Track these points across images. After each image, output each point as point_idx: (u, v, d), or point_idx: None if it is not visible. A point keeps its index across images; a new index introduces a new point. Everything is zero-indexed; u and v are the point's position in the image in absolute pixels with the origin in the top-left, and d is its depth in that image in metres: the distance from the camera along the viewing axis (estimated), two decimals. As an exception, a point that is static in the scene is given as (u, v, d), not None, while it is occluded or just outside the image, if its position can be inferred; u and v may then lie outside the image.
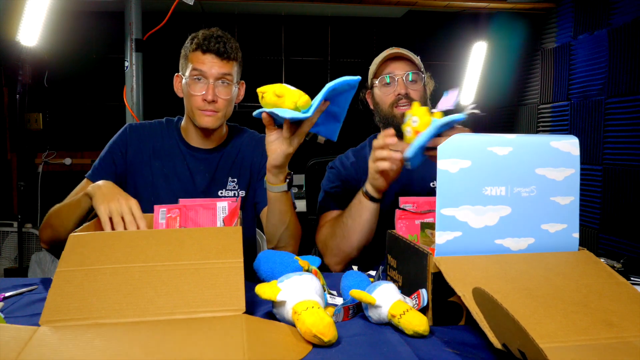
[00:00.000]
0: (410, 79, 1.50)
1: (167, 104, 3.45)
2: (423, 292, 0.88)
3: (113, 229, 1.09)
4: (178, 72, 1.46)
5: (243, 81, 1.49)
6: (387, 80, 1.51)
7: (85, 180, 1.44)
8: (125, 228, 1.08)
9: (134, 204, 1.11)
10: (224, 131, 1.52)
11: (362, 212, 1.32)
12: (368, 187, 1.31)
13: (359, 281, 0.98)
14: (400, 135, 1.52)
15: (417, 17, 3.82)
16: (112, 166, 1.44)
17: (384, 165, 1.21)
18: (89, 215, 1.22)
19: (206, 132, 1.46)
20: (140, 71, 2.51)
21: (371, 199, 1.31)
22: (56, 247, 1.29)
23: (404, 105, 1.48)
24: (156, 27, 2.35)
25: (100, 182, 1.19)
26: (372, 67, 1.57)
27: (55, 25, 2.76)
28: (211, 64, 1.36)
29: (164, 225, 1.15)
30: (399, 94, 1.49)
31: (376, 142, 1.25)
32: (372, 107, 1.61)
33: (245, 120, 1.58)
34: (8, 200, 3.56)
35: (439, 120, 1.10)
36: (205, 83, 1.36)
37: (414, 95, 1.50)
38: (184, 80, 1.41)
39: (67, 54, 3.56)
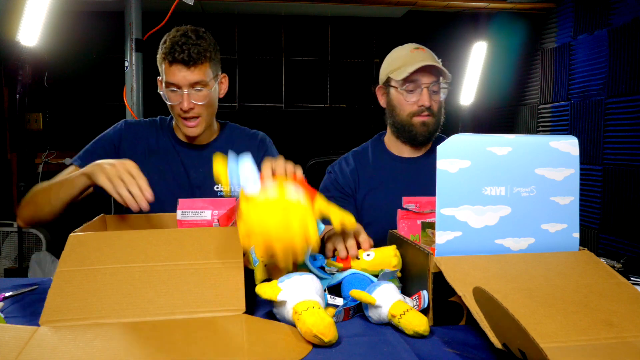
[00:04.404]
0: (434, 89, 1.43)
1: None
2: (424, 293, 0.88)
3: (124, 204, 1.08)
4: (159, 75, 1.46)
5: (224, 74, 1.47)
6: (412, 88, 1.42)
7: (72, 167, 1.39)
8: (129, 192, 1.07)
9: (130, 164, 1.10)
10: (214, 127, 1.53)
11: None
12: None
13: (359, 281, 0.97)
14: (408, 139, 1.47)
15: (417, 17, 3.82)
16: (103, 157, 1.39)
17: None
18: (81, 196, 1.22)
19: (192, 138, 1.46)
20: (140, 71, 2.51)
21: None
22: (34, 224, 1.29)
23: (425, 117, 1.43)
24: (156, 27, 2.35)
25: (96, 161, 1.16)
26: (392, 64, 1.47)
27: (55, 25, 2.77)
28: (181, 76, 1.33)
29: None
30: (422, 105, 1.42)
31: (340, 249, 1.08)
32: (382, 104, 1.54)
33: (246, 119, 1.58)
34: (8, 200, 3.56)
35: (384, 272, 0.98)
36: (180, 93, 1.35)
37: (435, 106, 1.43)
38: (162, 89, 1.40)
39: (67, 54, 3.56)
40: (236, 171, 0.95)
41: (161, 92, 1.41)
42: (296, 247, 0.85)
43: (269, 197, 0.88)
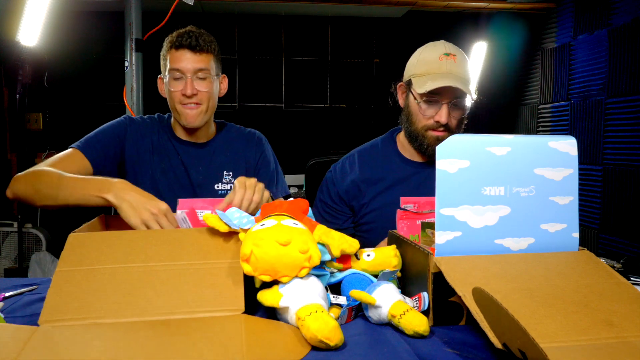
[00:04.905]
0: (456, 104, 1.35)
1: (167, 104, 3.46)
2: (424, 295, 0.88)
3: None
4: (160, 74, 1.47)
5: (224, 75, 1.50)
6: (431, 100, 1.35)
7: (72, 150, 1.36)
8: None
9: (165, 209, 1.08)
10: (212, 128, 1.53)
11: None
12: None
13: (359, 281, 0.97)
14: (419, 149, 1.42)
15: (417, 17, 3.82)
16: (108, 146, 1.41)
17: None
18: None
19: (192, 131, 1.47)
20: (140, 71, 2.51)
21: None
22: (23, 203, 1.24)
23: (440, 132, 1.37)
24: (156, 27, 2.35)
25: (121, 188, 1.10)
26: (418, 66, 1.39)
27: (55, 25, 2.77)
28: (186, 60, 1.37)
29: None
30: (438, 121, 1.35)
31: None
32: (401, 104, 1.47)
33: (246, 119, 1.58)
34: (8, 201, 3.56)
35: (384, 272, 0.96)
36: (184, 79, 1.38)
37: (453, 122, 1.36)
38: (164, 80, 1.42)
39: (67, 54, 3.56)
40: (229, 217, 0.96)
41: (165, 79, 1.42)
42: (299, 272, 0.85)
43: (269, 227, 0.87)
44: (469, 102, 1.40)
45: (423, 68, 1.38)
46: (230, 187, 1.49)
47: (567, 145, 0.93)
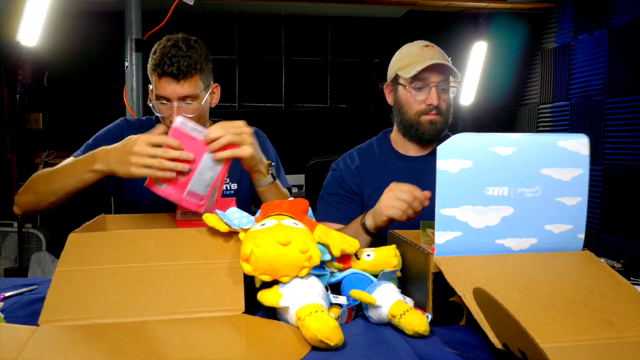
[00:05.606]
0: (443, 88, 1.41)
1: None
2: (427, 315, 0.87)
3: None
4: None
5: (217, 84, 1.45)
6: (420, 86, 1.40)
7: (72, 158, 1.34)
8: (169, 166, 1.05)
9: (142, 139, 1.06)
10: (208, 126, 1.51)
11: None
12: (369, 220, 1.25)
13: (360, 281, 0.97)
14: (415, 137, 1.45)
15: (417, 17, 3.82)
16: None
17: (398, 214, 1.17)
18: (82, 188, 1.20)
19: None
20: (140, 71, 2.51)
21: (368, 232, 1.26)
22: (32, 214, 1.27)
23: (433, 116, 1.41)
24: (156, 27, 2.35)
25: (103, 155, 1.12)
26: (401, 61, 1.44)
27: (55, 25, 2.77)
28: (170, 89, 1.30)
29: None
30: (430, 104, 1.40)
31: (408, 191, 1.18)
32: (390, 102, 1.51)
33: (246, 119, 1.56)
34: (8, 201, 3.56)
35: (384, 272, 0.96)
36: (170, 106, 1.32)
37: (443, 105, 1.41)
38: (152, 103, 1.38)
39: (67, 54, 3.56)
40: (229, 217, 0.96)
41: (150, 104, 1.37)
42: (300, 272, 0.85)
43: (269, 227, 0.87)
44: (454, 89, 1.46)
45: (407, 60, 1.43)
46: (225, 187, 1.49)
47: (577, 145, 0.92)
